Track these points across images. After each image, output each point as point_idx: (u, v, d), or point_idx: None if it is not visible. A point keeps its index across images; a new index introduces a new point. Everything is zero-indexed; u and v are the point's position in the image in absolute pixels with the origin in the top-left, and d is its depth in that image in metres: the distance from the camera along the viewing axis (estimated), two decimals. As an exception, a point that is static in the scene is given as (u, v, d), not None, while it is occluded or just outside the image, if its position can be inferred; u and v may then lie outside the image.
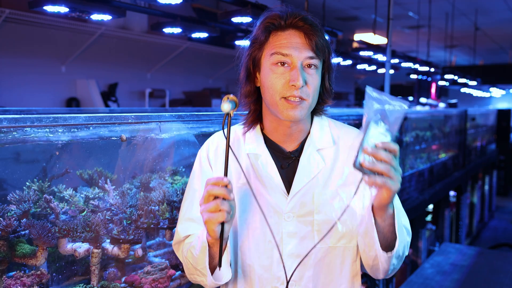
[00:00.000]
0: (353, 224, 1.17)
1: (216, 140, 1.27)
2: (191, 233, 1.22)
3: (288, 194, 1.17)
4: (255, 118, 1.23)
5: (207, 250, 1.09)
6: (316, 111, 1.23)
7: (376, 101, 1.00)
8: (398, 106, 1.00)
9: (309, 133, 1.22)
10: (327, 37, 1.18)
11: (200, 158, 1.29)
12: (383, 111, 1.00)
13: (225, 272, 1.13)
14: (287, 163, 1.20)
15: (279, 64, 1.11)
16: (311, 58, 1.11)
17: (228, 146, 1.04)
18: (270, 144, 1.22)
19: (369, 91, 1.00)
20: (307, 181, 1.17)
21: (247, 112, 1.24)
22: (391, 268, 1.14)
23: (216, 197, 1.01)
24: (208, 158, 1.26)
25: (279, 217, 1.17)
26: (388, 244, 1.09)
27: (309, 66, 1.12)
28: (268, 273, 1.18)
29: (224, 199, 1.01)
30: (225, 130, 1.03)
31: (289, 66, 1.11)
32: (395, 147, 0.98)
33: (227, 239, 1.10)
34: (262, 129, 1.24)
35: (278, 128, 1.19)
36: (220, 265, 1.06)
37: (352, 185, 1.14)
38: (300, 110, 1.11)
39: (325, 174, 1.19)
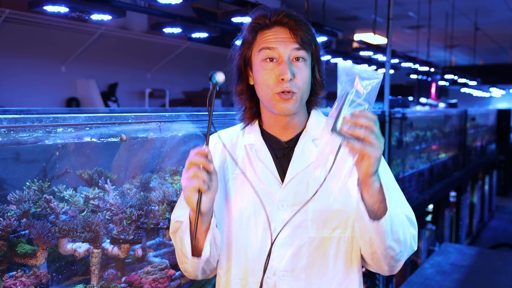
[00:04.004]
0: (347, 211, 1.16)
1: (215, 139, 1.30)
2: (183, 220, 1.23)
3: (283, 182, 1.19)
4: (252, 114, 1.27)
5: (189, 227, 1.12)
6: (312, 103, 1.26)
7: (349, 73, 1.01)
8: (373, 76, 1.00)
9: (305, 126, 1.25)
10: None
11: None
12: (358, 82, 1.00)
13: (204, 248, 1.14)
14: (282, 153, 1.23)
15: (267, 60, 1.15)
16: (298, 49, 1.15)
17: (210, 115, 1.07)
18: (267, 136, 1.25)
19: (341, 64, 1.01)
20: (301, 169, 1.18)
21: (242, 110, 1.28)
22: (390, 253, 1.10)
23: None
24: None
25: (273, 206, 1.17)
26: (377, 216, 1.06)
27: (297, 59, 1.15)
28: (262, 262, 1.18)
29: (204, 168, 1.05)
30: (210, 100, 1.08)
31: (277, 61, 1.15)
32: (373, 116, 0.98)
33: (209, 215, 1.12)
34: (261, 125, 1.27)
35: (275, 123, 1.23)
36: (195, 237, 1.08)
37: (328, 163, 1.11)
38: (292, 103, 1.15)
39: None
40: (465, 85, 10.17)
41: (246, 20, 3.08)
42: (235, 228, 1.22)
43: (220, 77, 1.07)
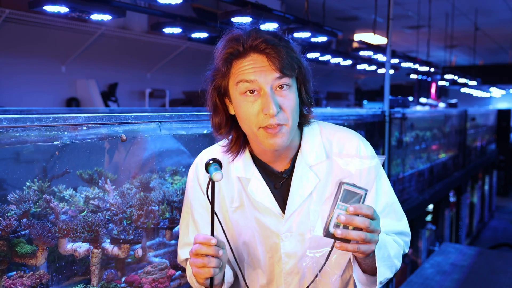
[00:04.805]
0: None
1: (205, 159, 1.14)
2: None
3: (284, 213, 1.15)
4: (240, 145, 1.16)
5: None
6: (303, 123, 1.16)
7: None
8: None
9: (299, 147, 1.16)
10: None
11: (190, 181, 1.25)
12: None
13: None
14: (280, 182, 1.16)
15: (247, 93, 1.03)
16: (280, 78, 1.02)
17: (213, 210, 1.01)
18: (260, 164, 1.17)
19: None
20: (301, 201, 1.13)
21: (228, 141, 1.18)
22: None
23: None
24: (199, 180, 1.23)
25: (276, 238, 1.16)
26: (373, 271, 1.07)
27: (281, 87, 1.03)
28: None
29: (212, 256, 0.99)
30: (209, 195, 1.00)
31: (258, 93, 1.03)
32: (370, 209, 0.91)
33: (221, 281, 1.10)
34: (251, 150, 1.18)
35: (266, 152, 1.13)
36: None
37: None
38: (281, 137, 1.05)
39: (320, 189, 1.14)
40: (465, 85, 10.17)
41: (246, 20, 3.08)
42: (243, 257, 1.22)
43: (217, 176, 0.97)
